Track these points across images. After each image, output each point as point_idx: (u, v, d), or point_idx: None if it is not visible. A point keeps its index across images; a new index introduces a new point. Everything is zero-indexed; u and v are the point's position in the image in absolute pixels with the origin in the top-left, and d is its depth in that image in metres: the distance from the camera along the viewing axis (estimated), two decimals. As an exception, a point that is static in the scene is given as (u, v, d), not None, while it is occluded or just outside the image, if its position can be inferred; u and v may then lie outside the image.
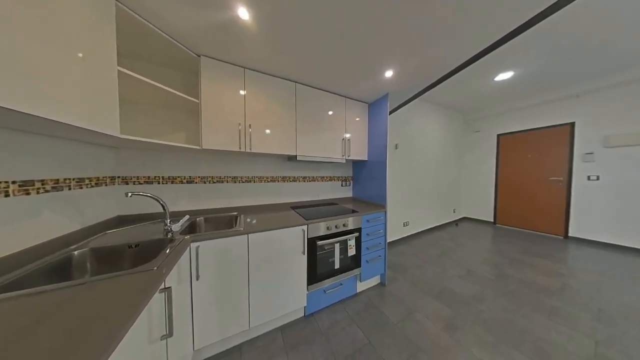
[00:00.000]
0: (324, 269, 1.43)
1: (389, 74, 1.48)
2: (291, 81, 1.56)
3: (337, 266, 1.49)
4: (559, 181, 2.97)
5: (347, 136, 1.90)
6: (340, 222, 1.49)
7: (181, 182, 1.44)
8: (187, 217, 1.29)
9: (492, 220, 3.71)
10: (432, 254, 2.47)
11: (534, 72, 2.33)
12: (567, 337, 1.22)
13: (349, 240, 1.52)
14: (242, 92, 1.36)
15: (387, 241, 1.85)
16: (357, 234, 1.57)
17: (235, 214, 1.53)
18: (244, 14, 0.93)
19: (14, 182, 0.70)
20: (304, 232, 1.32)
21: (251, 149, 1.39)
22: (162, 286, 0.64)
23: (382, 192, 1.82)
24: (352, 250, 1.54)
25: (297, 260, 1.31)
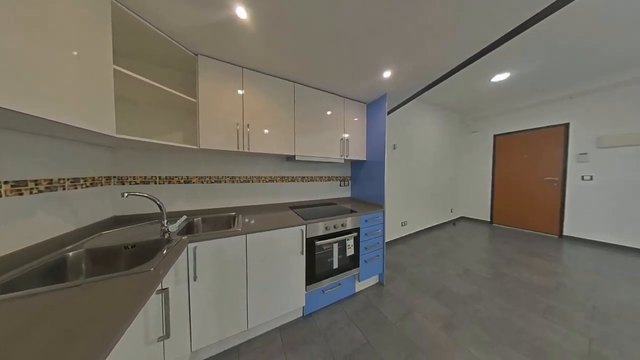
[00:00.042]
0: (322, 269, 1.43)
1: (387, 74, 1.48)
2: (290, 81, 1.56)
3: (335, 266, 1.49)
4: (554, 181, 3.01)
5: (346, 136, 1.90)
6: (338, 222, 1.49)
7: (178, 182, 1.43)
8: (184, 217, 1.28)
9: (489, 219, 3.75)
10: (430, 253, 2.49)
11: (529, 73, 2.36)
12: (562, 335, 1.23)
13: (348, 240, 1.52)
14: (240, 91, 1.35)
15: (386, 241, 1.85)
16: (355, 234, 1.58)
17: (233, 214, 1.52)
18: (242, 13, 0.93)
19: (6, 183, 0.68)
20: (303, 232, 1.31)
21: (249, 149, 1.38)
22: (159, 287, 0.64)
23: (380, 192, 1.82)
24: (350, 250, 1.54)
25: (295, 260, 1.31)
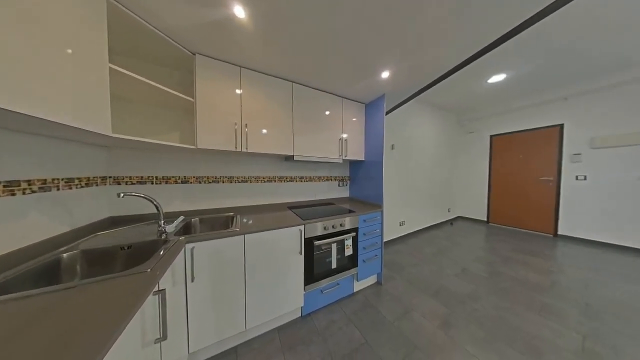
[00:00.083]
0: (321, 269, 1.43)
1: (386, 74, 1.49)
2: (288, 81, 1.56)
3: (334, 266, 1.49)
4: (549, 181, 3.06)
5: (344, 136, 1.90)
6: (337, 222, 1.49)
7: (175, 182, 1.41)
8: (181, 217, 1.27)
9: (486, 219, 3.79)
10: (428, 252, 2.51)
11: (525, 74, 2.40)
12: (557, 332, 1.25)
13: (346, 240, 1.53)
14: (238, 91, 1.34)
15: (384, 240, 1.86)
16: (354, 234, 1.58)
17: (231, 214, 1.52)
18: (240, 12, 0.92)
19: (-2, 182, 0.67)
20: (301, 232, 1.31)
21: (247, 148, 1.38)
22: (156, 288, 0.63)
23: (378, 192, 1.83)
24: (349, 250, 1.55)
25: (294, 260, 1.30)
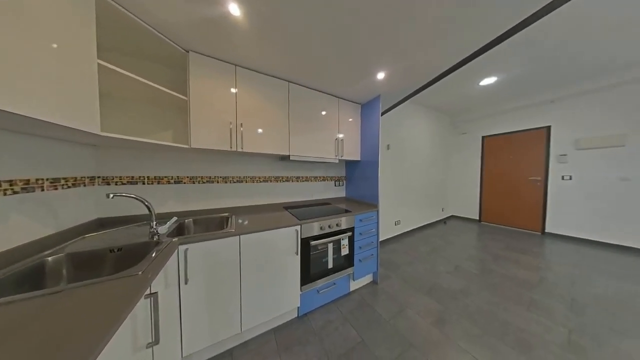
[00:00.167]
0: (317, 269, 1.43)
1: (382, 75, 1.50)
2: (284, 80, 1.55)
3: (330, 266, 1.49)
4: (537, 181, 3.17)
5: (340, 136, 1.91)
6: (333, 221, 1.49)
7: (168, 183, 1.38)
8: (174, 218, 1.24)
9: (478, 218, 3.89)
10: (422, 251, 2.55)
11: (514, 78, 2.48)
12: (545, 327, 1.30)
13: (342, 239, 1.53)
14: (233, 90, 1.33)
15: (380, 240, 1.88)
16: (350, 234, 1.59)
17: (226, 215, 1.49)
18: (235, 10, 0.91)
19: (-24, 183, 0.63)
20: (298, 233, 1.31)
21: (243, 148, 1.36)
22: (148, 291, 0.61)
23: (374, 191, 1.85)
24: (345, 249, 1.55)
25: (290, 260, 1.30)
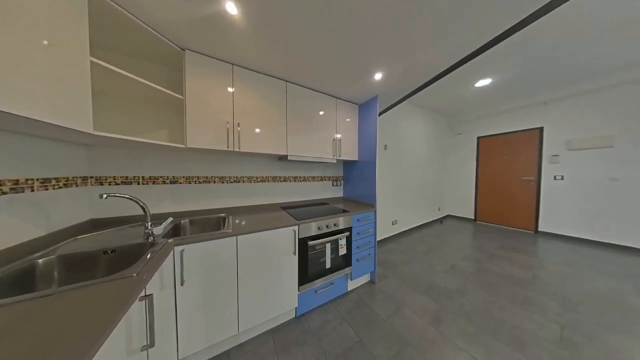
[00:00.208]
0: (315, 269, 1.43)
1: (379, 76, 1.51)
2: (282, 80, 1.54)
3: (328, 266, 1.49)
4: (530, 181, 3.24)
5: (338, 136, 1.91)
6: (331, 221, 1.49)
7: (164, 183, 1.36)
8: (170, 219, 1.22)
9: (473, 217, 3.95)
10: (419, 250, 2.57)
11: (509, 80, 2.52)
12: (538, 324, 1.33)
13: (340, 239, 1.53)
14: (230, 89, 1.31)
15: (377, 239, 1.89)
16: (347, 234, 1.59)
17: (223, 215, 1.48)
18: (232, 8, 0.90)
19: (-38, 183, 0.61)
20: (295, 233, 1.30)
21: (240, 148, 1.35)
22: (143, 293, 0.60)
23: (372, 191, 1.85)
24: (343, 249, 1.55)
25: (288, 261, 1.29)
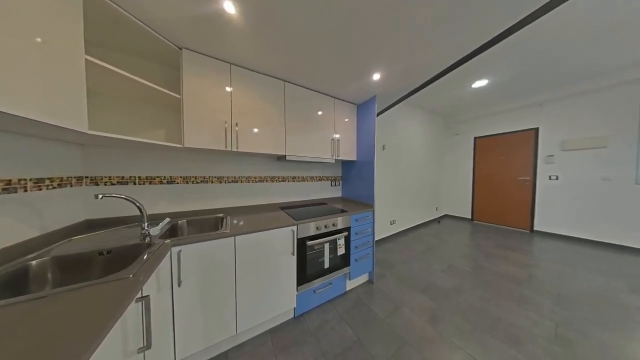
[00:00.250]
0: (313, 269, 1.43)
1: (377, 76, 1.52)
2: (280, 80, 1.54)
3: (326, 266, 1.49)
4: (526, 180, 3.28)
5: (337, 136, 1.91)
6: (329, 221, 1.50)
7: (161, 183, 1.34)
8: (167, 219, 1.21)
9: (470, 217, 3.99)
10: (417, 250, 2.59)
11: (505, 81, 2.56)
12: (533, 321, 1.35)
13: (339, 239, 1.54)
14: (228, 88, 1.30)
15: (375, 239, 1.90)
16: (346, 233, 1.59)
17: (221, 215, 1.47)
18: (229, 7, 0.90)
19: (-48, 183, 0.60)
20: (294, 233, 1.30)
21: (238, 148, 1.34)
22: (139, 295, 0.60)
23: (370, 191, 1.86)
24: (341, 249, 1.56)
25: (286, 261, 1.29)
